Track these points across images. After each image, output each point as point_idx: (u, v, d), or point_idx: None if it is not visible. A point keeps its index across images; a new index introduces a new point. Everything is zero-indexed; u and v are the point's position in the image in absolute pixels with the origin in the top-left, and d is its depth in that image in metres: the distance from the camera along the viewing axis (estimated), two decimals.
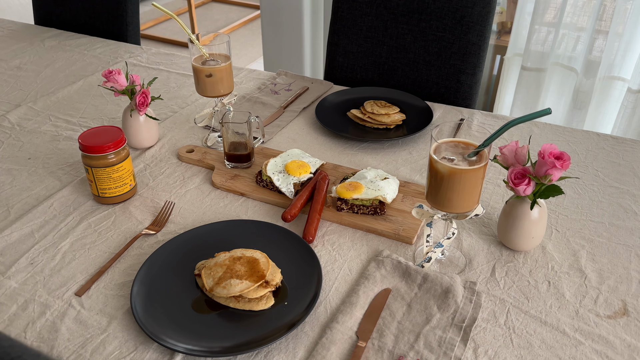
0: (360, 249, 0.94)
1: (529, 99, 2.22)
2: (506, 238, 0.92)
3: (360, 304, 0.82)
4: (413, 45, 1.48)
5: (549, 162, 0.82)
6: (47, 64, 1.66)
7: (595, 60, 2.07)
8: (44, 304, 0.83)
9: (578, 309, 0.82)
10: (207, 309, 0.81)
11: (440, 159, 0.79)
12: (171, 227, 0.99)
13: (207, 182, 1.12)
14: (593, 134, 1.28)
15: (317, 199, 1.00)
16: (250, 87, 1.52)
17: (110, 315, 0.81)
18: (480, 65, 1.42)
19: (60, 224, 1.00)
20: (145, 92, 1.14)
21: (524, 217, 0.88)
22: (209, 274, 0.83)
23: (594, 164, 1.17)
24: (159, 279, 0.86)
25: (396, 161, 1.18)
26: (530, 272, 0.89)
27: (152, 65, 1.64)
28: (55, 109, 1.40)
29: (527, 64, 2.16)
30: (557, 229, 0.98)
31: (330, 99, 1.39)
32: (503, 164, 0.89)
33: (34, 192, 1.09)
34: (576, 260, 0.91)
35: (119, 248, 0.94)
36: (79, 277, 0.89)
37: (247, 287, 0.80)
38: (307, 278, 0.86)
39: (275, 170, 1.06)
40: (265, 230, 0.95)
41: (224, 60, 1.17)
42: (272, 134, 1.28)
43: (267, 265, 0.84)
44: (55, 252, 0.94)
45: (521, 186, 0.84)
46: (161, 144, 1.24)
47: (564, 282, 0.87)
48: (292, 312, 0.80)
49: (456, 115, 1.36)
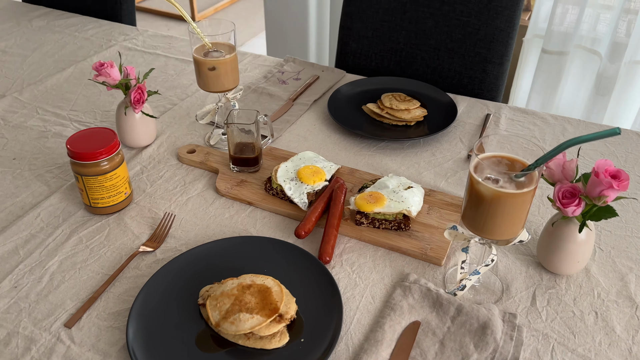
0: (384, 271, 0.84)
1: (549, 85, 2.09)
2: (548, 261, 0.82)
3: (387, 342, 0.72)
4: (434, 30, 1.35)
5: (605, 182, 0.71)
6: (35, 48, 1.53)
7: (622, 42, 1.94)
8: (29, 338, 0.74)
9: (631, 347, 0.73)
10: (213, 346, 0.72)
11: (484, 179, 0.68)
12: (171, 243, 0.89)
13: (211, 187, 1.01)
14: (632, 133, 1.17)
15: (333, 213, 0.89)
16: (255, 75, 1.40)
17: (103, 352, 0.72)
18: (508, 54, 1.30)
19: (48, 238, 0.90)
20: (141, 87, 1.02)
21: (570, 239, 0.78)
22: (215, 305, 0.73)
23: (636, 169, 1.06)
24: (157, 310, 0.76)
25: (418, 164, 1.08)
26: (575, 301, 0.79)
27: (149, 50, 1.51)
28: (43, 100, 1.28)
29: (548, 47, 2.03)
30: (601, 247, 0.88)
31: (343, 91, 1.27)
32: (549, 179, 0.79)
33: (19, 199, 0.98)
34: (624, 286, 0.82)
35: (113, 268, 0.84)
36: (69, 304, 0.79)
37: (258, 324, 0.70)
38: (325, 308, 0.76)
39: (287, 178, 0.96)
40: (277, 249, 0.85)
41: (229, 51, 1.05)
42: (281, 131, 1.17)
43: (280, 296, 0.74)
44: (42, 273, 0.84)
45: (570, 207, 0.74)
46: (159, 142, 1.13)
47: (613, 313, 0.78)
48: (310, 352, 0.70)
49: (481, 110, 1.24)
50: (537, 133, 1.17)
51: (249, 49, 3.65)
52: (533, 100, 2.15)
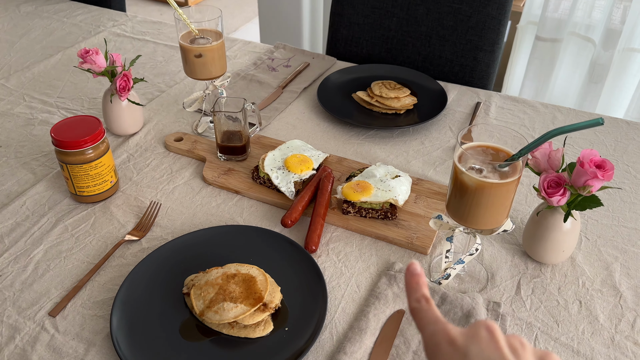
0: (369, 260, 0.84)
1: (542, 72, 2.09)
2: (533, 250, 0.82)
3: (371, 330, 0.72)
4: (426, 17, 1.34)
5: (590, 172, 0.71)
6: (22, 34, 1.51)
7: (616, 29, 1.93)
8: (13, 327, 0.74)
9: (614, 336, 0.73)
10: (197, 335, 0.72)
11: (467, 169, 0.68)
12: (157, 232, 0.89)
13: (198, 176, 1.01)
14: (622, 122, 1.16)
15: (320, 202, 0.89)
16: (245, 61, 1.39)
17: (88, 341, 0.72)
18: (499, 41, 1.29)
19: (34, 226, 0.89)
20: (126, 74, 1.01)
21: (555, 228, 0.78)
22: (199, 294, 0.73)
23: (624, 158, 1.06)
24: (142, 298, 0.76)
25: (407, 153, 1.07)
26: (559, 290, 0.79)
27: (138, 36, 1.49)
28: (30, 87, 1.27)
29: (542, 34, 2.02)
30: (587, 236, 0.89)
31: (333, 79, 1.26)
32: (534, 169, 0.78)
33: (5, 187, 0.98)
34: (609, 275, 0.82)
35: (98, 256, 0.84)
36: (53, 292, 0.79)
37: (242, 313, 0.70)
38: (310, 297, 0.76)
39: (274, 167, 0.95)
40: (263, 238, 0.85)
41: (216, 38, 1.03)
42: (270, 119, 1.16)
43: (265, 285, 0.74)
44: (27, 261, 0.83)
45: (555, 197, 0.74)
46: (146, 129, 1.12)
47: (597, 302, 0.78)
48: (294, 340, 0.71)
49: (472, 98, 1.24)
50: (527, 121, 1.17)
51: (241, 35, 3.62)
52: (526, 88, 2.14)
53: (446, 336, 0.37)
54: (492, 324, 0.37)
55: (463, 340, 0.36)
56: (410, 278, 0.42)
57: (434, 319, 0.39)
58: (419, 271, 0.42)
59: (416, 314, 0.40)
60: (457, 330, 0.37)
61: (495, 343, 0.35)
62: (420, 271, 0.42)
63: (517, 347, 0.36)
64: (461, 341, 0.36)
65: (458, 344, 0.36)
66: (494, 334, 0.36)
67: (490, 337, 0.36)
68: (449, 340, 0.36)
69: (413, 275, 0.42)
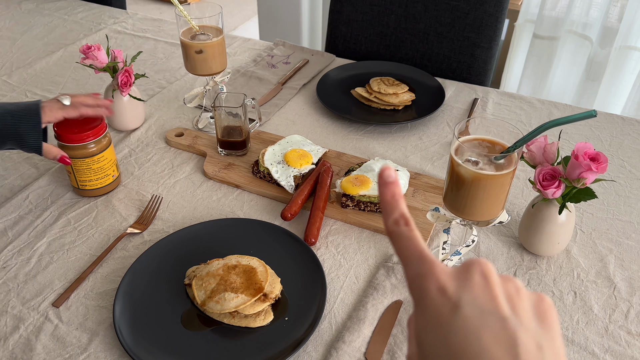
0: (368, 252, 0.85)
1: (540, 70, 2.10)
2: (529, 242, 0.83)
3: (369, 320, 0.74)
4: (424, 14, 1.35)
5: (584, 164, 0.73)
6: (24, 31, 1.52)
7: (613, 27, 1.94)
8: (18, 317, 0.75)
9: (608, 325, 0.75)
10: (198, 324, 0.73)
11: (464, 161, 0.69)
12: (159, 225, 0.90)
13: (199, 170, 1.02)
14: (617, 117, 1.18)
15: (319, 195, 0.90)
16: (245, 58, 1.40)
17: (91, 330, 0.73)
18: (496, 38, 1.30)
19: (37, 220, 0.90)
20: (128, 70, 1.02)
21: (550, 221, 0.80)
22: (201, 285, 0.74)
23: (620, 153, 1.08)
24: (144, 289, 0.77)
25: (405, 148, 1.09)
26: (555, 281, 0.81)
27: (138, 33, 1.51)
28: (32, 83, 1.28)
29: (539, 32, 2.03)
30: (582, 229, 0.90)
31: (332, 75, 1.28)
32: (530, 162, 0.80)
33: (8, 181, 0.99)
34: (604, 266, 0.83)
35: (100, 249, 0.85)
36: (57, 284, 0.80)
37: (243, 302, 0.72)
38: (309, 288, 0.77)
39: (274, 161, 0.96)
40: (263, 231, 0.86)
41: (216, 34, 1.05)
42: (270, 115, 1.17)
43: (265, 276, 0.75)
44: (31, 253, 0.84)
45: (550, 189, 0.75)
46: (147, 125, 1.14)
47: (592, 293, 0.79)
48: (293, 329, 0.72)
49: (469, 94, 1.25)
50: (524, 117, 1.18)
51: (241, 33, 3.63)
52: (524, 85, 2.16)
53: (435, 282, 0.31)
54: (487, 266, 0.32)
55: (454, 286, 0.31)
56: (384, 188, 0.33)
57: (418, 254, 0.32)
58: (394, 178, 0.33)
59: (395, 240, 0.33)
60: (447, 272, 0.32)
61: (491, 291, 0.31)
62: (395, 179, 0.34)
63: (513, 293, 0.32)
64: (452, 288, 0.31)
65: (449, 291, 0.31)
66: (488, 280, 0.31)
67: (485, 283, 0.31)
68: (438, 285, 0.31)
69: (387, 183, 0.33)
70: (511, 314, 0.30)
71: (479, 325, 0.29)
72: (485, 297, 0.31)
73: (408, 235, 0.33)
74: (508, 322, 0.30)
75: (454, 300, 0.30)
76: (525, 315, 0.31)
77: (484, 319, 0.30)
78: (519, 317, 0.30)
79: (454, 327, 0.30)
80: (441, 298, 0.31)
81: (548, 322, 0.31)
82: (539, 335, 0.30)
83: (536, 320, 0.31)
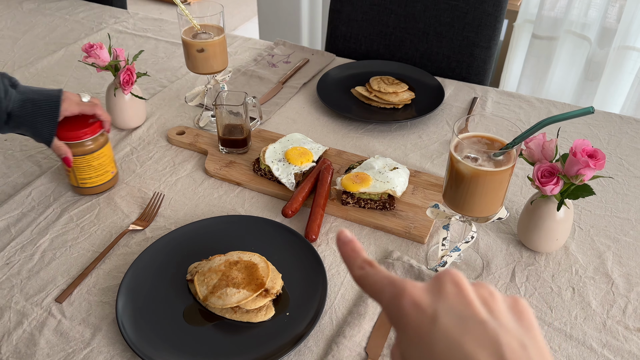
0: (368, 248, 0.86)
1: (539, 70, 2.11)
2: (527, 239, 0.84)
3: (369, 315, 0.75)
4: (423, 14, 1.36)
5: (582, 161, 0.73)
6: (26, 30, 1.53)
7: (611, 28, 1.96)
8: (21, 312, 0.76)
9: (605, 321, 0.76)
10: (200, 319, 0.74)
11: (463, 158, 0.70)
12: (160, 222, 0.91)
13: (200, 168, 1.03)
14: (615, 116, 1.19)
15: (320, 192, 0.91)
16: (245, 58, 1.41)
17: (94, 325, 0.74)
18: (495, 38, 1.31)
19: (40, 217, 0.91)
20: (130, 68, 1.03)
21: (548, 217, 0.81)
22: (203, 280, 0.75)
23: (617, 151, 1.09)
24: (146, 285, 0.78)
25: (405, 146, 1.09)
26: (553, 277, 0.82)
27: (139, 33, 1.51)
28: (34, 82, 1.29)
29: (538, 32, 2.04)
30: (580, 226, 0.91)
31: (332, 74, 1.28)
32: (528, 159, 0.81)
33: (11, 179, 1.00)
34: (602, 263, 0.84)
35: (103, 246, 0.86)
36: (60, 280, 0.81)
37: (244, 298, 0.72)
38: (310, 284, 0.78)
39: (275, 159, 0.97)
40: (264, 228, 0.87)
41: (218, 33, 1.06)
42: (270, 114, 1.18)
43: (266, 271, 0.76)
44: (34, 250, 0.85)
45: (548, 186, 0.76)
46: (149, 123, 1.14)
47: (590, 289, 0.80)
48: (294, 324, 0.73)
49: (469, 93, 1.26)
50: (523, 116, 1.19)
51: (241, 33, 3.63)
52: (523, 85, 2.17)
53: (409, 298, 0.31)
54: (457, 275, 0.32)
55: (429, 300, 0.31)
56: (344, 247, 0.37)
57: (388, 281, 0.33)
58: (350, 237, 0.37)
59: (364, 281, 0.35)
60: (419, 288, 0.32)
61: (465, 297, 0.31)
62: (351, 237, 0.37)
63: (487, 297, 0.32)
64: (427, 302, 0.31)
65: (424, 305, 0.31)
66: (461, 287, 0.32)
67: (458, 291, 0.31)
68: (413, 303, 0.31)
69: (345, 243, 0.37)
70: (489, 316, 0.30)
71: (460, 332, 0.30)
72: (460, 304, 0.31)
73: (375, 272, 0.34)
74: (487, 324, 0.30)
75: (430, 313, 0.31)
76: (503, 316, 0.31)
77: (463, 325, 0.30)
78: (498, 319, 0.30)
79: (435, 339, 0.30)
80: (418, 313, 0.31)
81: (526, 321, 0.31)
82: (520, 334, 0.30)
83: (515, 321, 0.31)
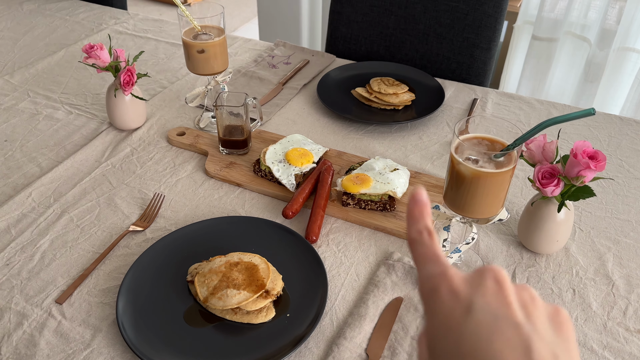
0: (369, 250, 0.86)
1: (539, 71, 2.11)
2: (528, 240, 0.84)
3: (370, 316, 0.74)
4: (423, 15, 1.36)
5: (582, 162, 0.73)
6: (26, 31, 1.53)
7: (611, 29, 1.96)
8: (21, 313, 0.76)
9: (606, 322, 0.76)
10: (201, 321, 0.74)
11: (464, 159, 0.70)
12: (161, 223, 0.91)
13: (200, 169, 1.03)
14: (615, 117, 1.19)
15: (320, 194, 0.91)
16: (245, 59, 1.41)
17: (94, 327, 0.74)
18: (495, 39, 1.31)
19: (40, 217, 0.91)
20: (130, 69, 1.03)
21: (549, 219, 0.81)
22: (203, 282, 0.75)
23: (618, 153, 1.09)
24: (147, 286, 0.78)
25: (405, 147, 1.09)
26: (554, 279, 0.82)
27: (140, 34, 1.51)
28: (34, 83, 1.29)
29: (538, 34, 2.04)
30: (581, 227, 0.91)
31: (333, 75, 1.29)
32: (529, 160, 0.81)
33: (11, 180, 1.00)
34: (602, 264, 0.84)
35: (103, 246, 0.86)
36: (60, 281, 0.80)
37: (245, 299, 0.72)
38: (311, 285, 0.78)
39: (275, 160, 0.97)
40: (264, 229, 0.87)
41: (218, 33, 1.06)
42: (271, 115, 1.18)
43: (267, 273, 0.76)
44: (34, 251, 0.85)
45: (549, 187, 0.76)
46: (149, 124, 1.14)
47: (590, 291, 0.80)
48: (295, 326, 0.73)
49: (469, 94, 1.26)
50: (523, 117, 1.19)
51: (241, 34, 3.64)
52: (523, 87, 2.17)
53: (448, 283, 0.31)
54: (500, 273, 0.31)
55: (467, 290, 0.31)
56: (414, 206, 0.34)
57: (434, 257, 0.32)
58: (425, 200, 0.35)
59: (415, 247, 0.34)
60: (460, 276, 0.32)
61: (504, 297, 0.30)
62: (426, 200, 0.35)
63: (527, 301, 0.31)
64: (465, 292, 0.30)
65: (461, 295, 0.30)
66: (502, 286, 0.31)
67: (499, 289, 0.30)
68: (450, 288, 0.31)
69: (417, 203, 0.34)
70: (525, 320, 0.30)
71: (491, 330, 0.29)
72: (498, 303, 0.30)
73: (430, 243, 0.33)
74: (522, 328, 0.29)
75: (465, 304, 0.30)
76: (540, 323, 0.30)
77: (497, 324, 0.29)
78: (534, 325, 0.29)
79: (465, 331, 0.29)
80: (453, 301, 0.30)
81: (565, 333, 0.30)
82: (555, 344, 0.29)
83: (552, 330, 0.30)
